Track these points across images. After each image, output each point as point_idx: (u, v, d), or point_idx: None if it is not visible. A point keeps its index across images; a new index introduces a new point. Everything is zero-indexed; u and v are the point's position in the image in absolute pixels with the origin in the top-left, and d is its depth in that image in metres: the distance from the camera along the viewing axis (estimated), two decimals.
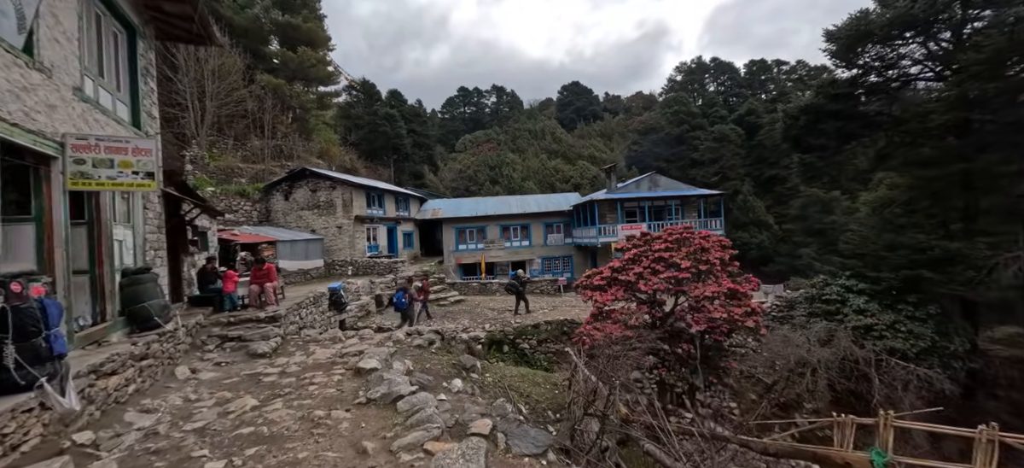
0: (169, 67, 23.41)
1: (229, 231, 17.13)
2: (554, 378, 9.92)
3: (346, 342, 9.12)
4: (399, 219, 26.92)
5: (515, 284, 16.68)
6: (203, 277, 9.70)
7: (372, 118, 53.48)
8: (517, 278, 16.81)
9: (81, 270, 5.97)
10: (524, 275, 17.24)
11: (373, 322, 15.15)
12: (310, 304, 11.57)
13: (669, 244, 11.02)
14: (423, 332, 10.51)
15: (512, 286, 16.79)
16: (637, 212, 24.84)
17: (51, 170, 5.01)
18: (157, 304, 6.77)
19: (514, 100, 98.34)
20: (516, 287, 16.63)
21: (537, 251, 28.06)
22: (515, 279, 16.84)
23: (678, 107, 73.25)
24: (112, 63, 7.04)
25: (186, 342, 7.62)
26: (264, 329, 8.57)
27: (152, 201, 7.89)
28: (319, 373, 6.21)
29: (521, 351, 14.77)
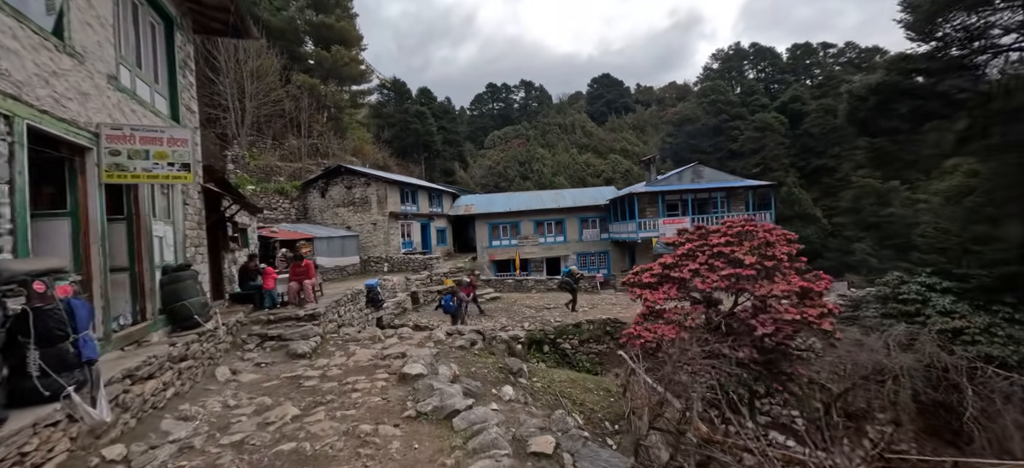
0: (211, 69, 24.03)
1: (268, 228, 17.27)
2: (605, 383, 9.20)
3: (386, 341, 8.73)
4: (432, 215, 26.72)
5: (569, 281, 16.15)
6: (245, 274, 9.56)
7: (403, 116, 53.89)
8: (571, 275, 16.26)
9: (120, 267, 5.76)
10: (578, 272, 16.70)
11: (410, 319, 14.85)
12: (348, 301, 11.31)
13: (729, 238, 10.05)
14: (464, 332, 10.02)
15: (566, 283, 16.23)
16: (679, 205, 23.60)
17: (86, 162, 4.75)
18: (197, 302, 6.52)
19: (543, 95, 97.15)
20: (570, 284, 16.07)
21: (572, 247, 27.22)
22: (569, 276, 16.27)
23: (715, 96, 70.26)
24: (150, 54, 6.83)
25: (226, 341, 7.40)
26: (304, 328, 8.28)
27: (192, 197, 7.70)
28: (362, 377, 5.77)
29: (562, 352, 14.10)
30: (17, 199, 3.60)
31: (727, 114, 66.97)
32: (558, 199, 28.87)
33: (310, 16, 32.79)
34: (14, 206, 3.57)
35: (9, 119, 3.59)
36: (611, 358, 14.32)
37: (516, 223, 27.48)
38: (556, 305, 17.79)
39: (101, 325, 4.72)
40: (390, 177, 23.64)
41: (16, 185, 3.60)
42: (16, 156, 3.62)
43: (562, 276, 17.11)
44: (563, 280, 16.71)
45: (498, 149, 70.64)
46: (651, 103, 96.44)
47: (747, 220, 10.63)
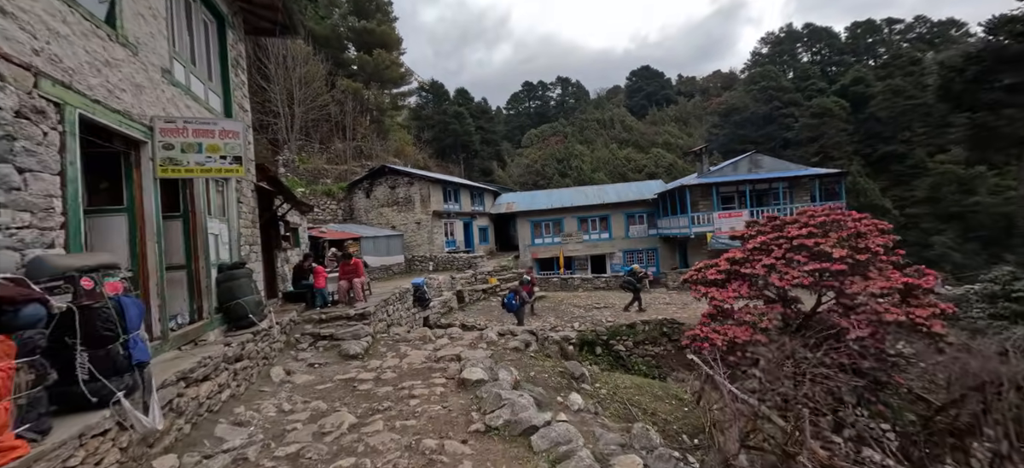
0: (262, 77, 24.99)
1: (317, 229, 17.56)
2: (674, 390, 8.39)
3: (437, 342, 8.37)
4: (474, 214, 26.51)
5: (631, 280, 15.34)
6: (299, 273, 9.53)
7: (442, 117, 54.47)
8: (633, 273, 15.51)
9: (177, 265, 5.66)
10: (640, 270, 15.85)
11: (456, 318, 14.57)
12: (396, 300, 11.10)
13: (812, 229, 8.93)
14: (517, 333, 9.51)
15: (628, 282, 15.44)
16: (735, 197, 22.03)
17: (141, 156, 4.60)
18: (252, 301, 6.39)
19: (579, 91, 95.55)
20: (632, 283, 15.28)
21: (618, 244, 26.16)
22: (631, 274, 15.52)
23: (766, 82, 66.37)
24: (203, 52, 6.78)
25: (280, 341, 7.28)
26: (354, 327, 8.06)
27: (246, 195, 7.64)
28: (417, 382, 5.37)
29: (616, 354, 13.31)
30: (69, 191, 3.41)
31: (779, 101, 63.19)
32: (602, 195, 27.86)
33: (353, 22, 33.60)
34: (66, 198, 3.38)
35: (60, 107, 3.40)
36: (669, 361, 13.40)
37: (559, 220, 26.74)
38: (606, 304, 16.98)
39: (158, 324, 4.56)
40: (433, 176, 23.62)
41: (68, 176, 3.41)
42: (67, 146, 3.43)
43: (623, 275, 16.24)
44: (624, 279, 15.84)
45: (535, 147, 70.05)
46: (694, 94, 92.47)
47: (833, 209, 9.44)
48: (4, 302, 2.28)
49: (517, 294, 12.98)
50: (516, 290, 13.18)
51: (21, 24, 3.08)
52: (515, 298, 12.92)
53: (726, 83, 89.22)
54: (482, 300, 17.65)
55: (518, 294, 12.98)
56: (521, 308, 12.96)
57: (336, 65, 31.80)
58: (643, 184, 30.14)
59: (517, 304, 12.86)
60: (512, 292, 13.21)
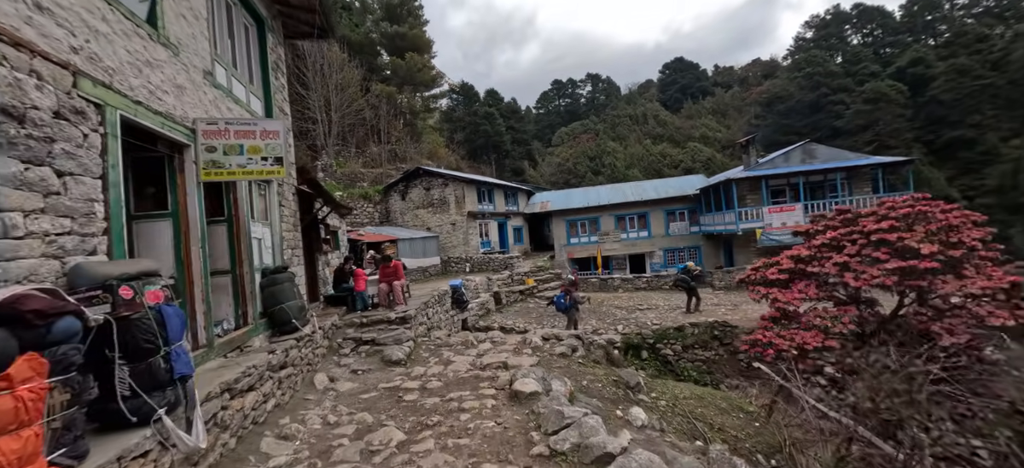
0: (301, 85, 25.66)
1: (355, 231, 17.72)
2: (735, 400, 7.69)
3: (479, 347, 8.04)
4: (508, 214, 26.20)
5: (685, 279, 14.52)
6: (340, 276, 9.46)
7: (472, 118, 54.62)
8: (687, 272, 14.67)
9: (222, 270, 5.57)
10: (694, 268, 15.03)
11: (494, 321, 14.26)
12: (435, 303, 10.89)
13: (893, 222, 7.99)
14: (563, 337, 9.06)
15: (682, 281, 14.65)
16: (787, 191, 20.61)
17: (184, 159, 4.49)
18: (295, 305, 6.26)
19: (610, 87, 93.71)
20: (686, 282, 14.46)
21: (657, 242, 25.14)
22: (685, 273, 14.72)
23: (812, 68, 62.74)
24: (243, 55, 6.72)
25: (323, 346, 7.15)
26: (396, 331, 7.85)
27: (287, 198, 7.58)
28: (466, 392, 5.02)
29: (663, 358, 12.60)
30: (111, 195, 3.26)
31: (827, 87, 59.64)
32: (640, 191, 26.89)
33: (385, 27, 34.12)
34: (108, 202, 3.23)
35: (100, 108, 3.26)
36: (721, 367, 12.54)
37: (595, 219, 26.00)
38: (649, 305, 16.22)
39: (203, 331, 4.42)
40: (467, 176, 23.50)
41: (110, 180, 3.26)
42: (109, 148, 3.28)
43: (677, 273, 15.38)
44: (678, 278, 15.00)
45: (566, 146, 69.16)
46: (732, 84, 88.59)
47: (917, 199, 8.43)
48: (35, 315, 2.06)
49: (567, 293, 12.45)
50: (567, 289, 12.65)
51: (58, 20, 2.93)
52: (565, 297, 12.40)
53: (767, 71, 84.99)
54: (519, 301, 17.27)
55: (568, 293, 12.44)
56: (572, 308, 12.41)
57: (370, 71, 32.35)
58: (684, 179, 28.89)
59: (568, 303, 12.33)
60: (562, 291, 12.71)
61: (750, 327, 13.02)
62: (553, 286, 18.81)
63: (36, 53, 2.73)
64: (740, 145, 22.59)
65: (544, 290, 18.32)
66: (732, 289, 19.05)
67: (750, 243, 20.42)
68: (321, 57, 26.38)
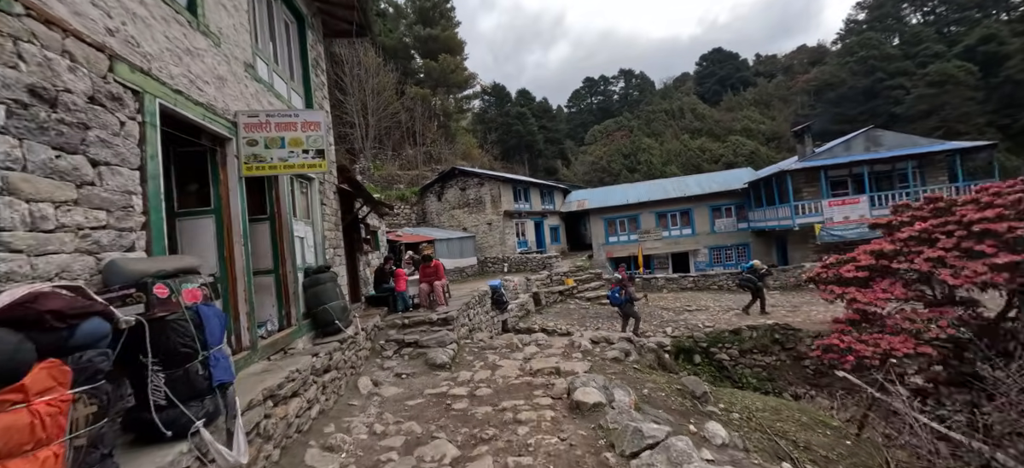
0: (339, 90, 26.22)
1: (393, 232, 17.76)
2: (814, 412, 6.87)
3: (524, 350, 7.62)
4: (545, 213, 25.68)
5: (751, 278, 13.33)
6: (381, 276, 9.31)
7: (504, 119, 54.46)
8: (754, 271, 13.40)
9: (265, 270, 5.41)
10: (761, 266, 13.74)
11: (535, 322, 13.81)
12: (476, 304, 10.56)
13: (1001, 211, 6.92)
14: (613, 340, 8.50)
15: (748, 280, 13.45)
16: (849, 182, 18.98)
17: (226, 153, 4.31)
18: (338, 306, 6.05)
19: (644, 82, 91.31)
20: (753, 282, 13.28)
21: (702, 240, 23.89)
22: (751, 272, 13.48)
23: (866, 52, 58.71)
24: (284, 51, 6.62)
25: (366, 347, 6.93)
26: (438, 333, 7.54)
27: (329, 196, 7.44)
28: (520, 401, 4.60)
29: (719, 363, 11.74)
30: (150, 188, 3.05)
31: (883, 72, 55.67)
32: (683, 187, 25.68)
33: (418, 31, 34.47)
34: (146, 196, 3.02)
35: (139, 95, 3.06)
36: (784, 373, 11.54)
37: (635, 216, 25.04)
38: (698, 306, 15.29)
39: (247, 332, 4.22)
40: (502, 175, 23.20)
41: (148, 171, 3.05)
42: (148, 138, 3.08)
43: (743, 272, 14.12)
44: (743, 277, 13.70)
45: (600, 144, 67.91)
46: (775, 73, 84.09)
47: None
48: (53, 317, 1.79)
49: (623, 288, 11.75)
50: (622, 283, 11.96)
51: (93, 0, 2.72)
52: (620, 292, 11.72)
53: (814, 58, 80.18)
54: (559, 302, 16.73)
55: (624, 288, 11.74)
56: (628, 303, 11.72)
57: (404, 75, 32.74)
58: (729, 173, 27.38)
59: (623, 298, 11.65)
60: (617, 286, 12.03)
61: (815, 330, 11.93)
62: (594, 287, 18.16)
63: (69, 32, 2.52)
64: (794, 134, 21.06)
65: (584, 290, 17.69)
66: (789, 289, 17.72)
67: (807, 239, 18.97)
68: (358, 63, 26.88)
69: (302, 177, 6.43)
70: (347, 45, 27.26)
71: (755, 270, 13.37)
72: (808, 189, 19.17)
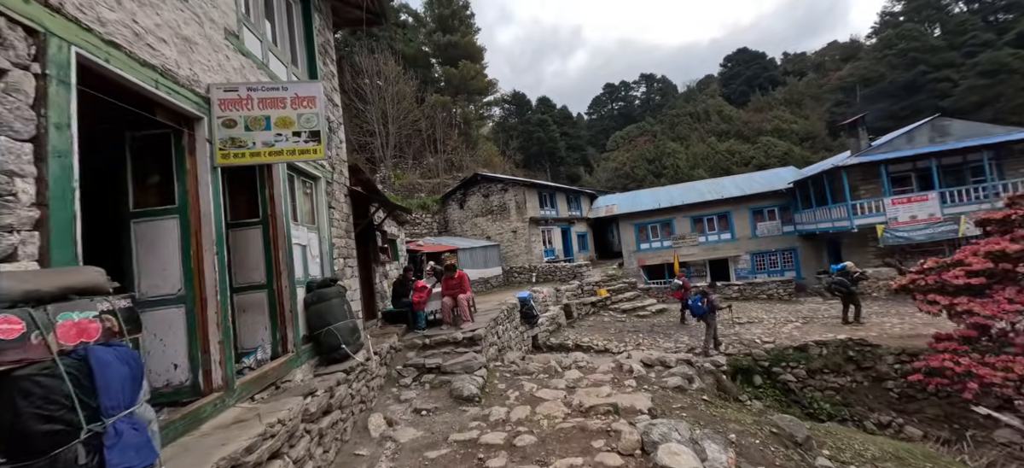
0: (359, 99, 25.84)
1: (413, 242, 16.90)
2: (938, 456, 5.43)
3: (565, 375, 6.45)
4: (572, 219, 24.42)
5: (843, 282, 11.53)
6: (400, 289, 8.32)
7: (525, 126, 53.72)
8: (846, 274, 11.57)
9: (256, 284, 4.47)
10: (854, 269, 11.83)
11: (568, 337, 12.58)
12: (505, 319, 9.44)
13: None
14: (669, 362, 7.24)
15: (839, 284, 11.64)
16: (912, 177, 17.07)
17: (195, 137, 3.36)
18: (346, 327, 5.05)
19: (666, 86, 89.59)
20: (845, 286, 11.50)
21: (743, 245, 22.14)
22: (842, 274, 11.67)
23: (906, 44, 55.83)
24: (285, 31, 5.76)
25: (380, 374, 5.89)
26: (464, 356, 6.45)
27: (338, 199, 6.50)
28: (577, 458, 3.43)
29: (783, 385, 10.24)
30: (51, 170, 2.08)
31: (926, 64, 52.73)
32: (718, 189, 24.02)
33: (438, 38, 34.08)
34: (44, 180, 2.05)
35: (37, 37, 2.11)
36: (862, 397, 9.95)
37: (668, 221, 23.50)
38: (749, 318, 13.74)
39: (219, 368, 3.23)
40: (527, 180, 22.10)
41: (49, 145, 2.09)
42: (51, 100, 2.12)
43: (832, 275, 12.13)
44: (834, 281, 11.85)
45: (622, 150, 66.52)
46: (805, 72, 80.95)
47: None
48: None
49: (704, 296, 10.40)
50: (703, 291, 10.60)
51: None
52: (701, 300, 10.38)
53: (846, 54, 76.81)
54: (592, 315, 15.44)
55: (705, 296, 10.39)
56: (709, 314, 10.39)
57: (423, 82, 32.32)
58: (771, 173, 25.56)
59: (704, 308, 10.33)
60: (699, 293, 10.67)
61: (896, 346, 10.30)
62: (628, 297, 16.79)
63: None
64: (844, 128, 19.26)
65: (618, 301, 16.35)
66: None
67: (867, 242, 17.12)
68: (377, 72, 26.50)
69: (306, 175, 5.52)
70: (367, 54, 26.97)
71: (848, 273, 11.49)
72: (865, 187, 17.35)
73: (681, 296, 13.95)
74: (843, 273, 11.65)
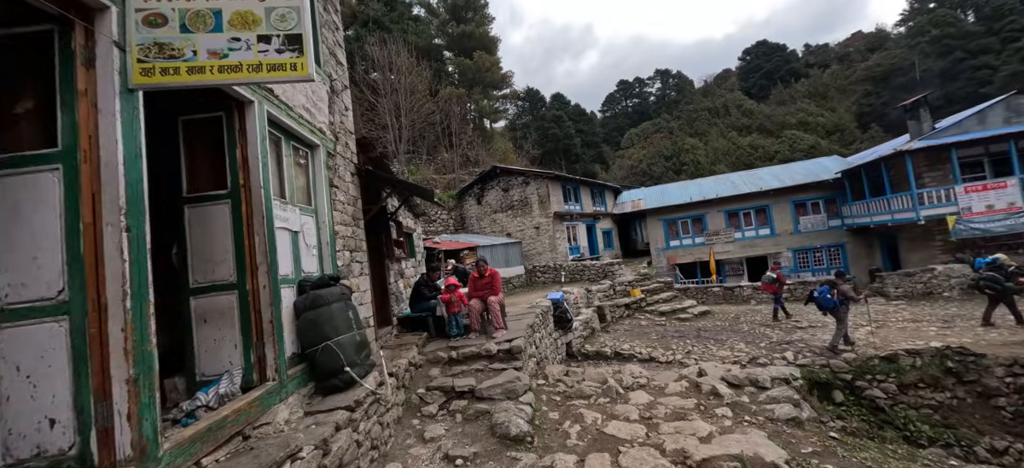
0: (371, 92, 24.70)
1: (430, 239, 15.60)
2: None
3: (630, 397, 5.04)
4: (596, 215, 22.85)
5: (996, 279, 9.42)
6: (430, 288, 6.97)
7: (540, 123, 52.38)
8: (999, 267, 9.45)
9: (222, 284, 3.13)
10: (1008, 260, 9.69)
11: (604, 343, 11.09)
12: (540, 325, 8.03)
13: None
14: (762, 380, 5.75)
15: (992, 280, 9.50)
16: (984, 163, 15.18)
17: (95, 39, 2.01)
18: (351, 341, 3.71)
19: (681, 82, 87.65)
20: (998, 282, 9.41)
21: (784, 241, 20.35)
22: (995, 268, 9.55)
23: (940, 31, 53.28)
24: None
25: (397, 402, 4.52)
26: (503, 376, 5.03)
27: (343, 178, 5.17)
28: None
29: (870, 402, 8.61)
30: None
31: (963, 51, 50.18)
32: (755, 180, 22.24)
33: (451, 28, 32.81)
34: None
35: None
36: (968, 417, 8.29)
37: (700, 216, 21.80)
38: (809, 322, 12.05)
39: (127, 427, 1.89)
40: (550, 172, 20.53)
41: None
42: None
43: (981, 269, 9.86)
44: (985, 276, 9.62)
45: (637, 147, 64.91)
46: (828, 63, 78.06)
47: None
48: None
49: (833, 286, 8.81)
50: (832, 281, 8.99)
51: None
52: (830, 292, 8.81)
53: (872, 44, 73.84)
54: (627, 318, 13.92)
55: (834, 286, 8.80)
56: (841, 307, 8.83)
57: (436, 76, 31.11)
58: (814, 162, 23.68)
59: (834, 301, 8.78)
60: (826, 285, 9.02)
61: (1008, 355, 8.62)
62: (664, 297, 15.22)
63: None
64: (904, 108, 17.35)
65: (654, 303, 14.79)
66: (917, 298, 14.19)
67: (932, 236, 15.31)
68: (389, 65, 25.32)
69: (299, 140, 4.19)
70: (378, 46, 25.81)
71: (1000, 266, 9.37)
72: (930, 174, 15.51)
73: (775, 290, 12.49)
74: (995, 267, 9.52)
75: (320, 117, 4.65)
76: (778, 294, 12.31)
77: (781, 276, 12.71)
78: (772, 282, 12.59)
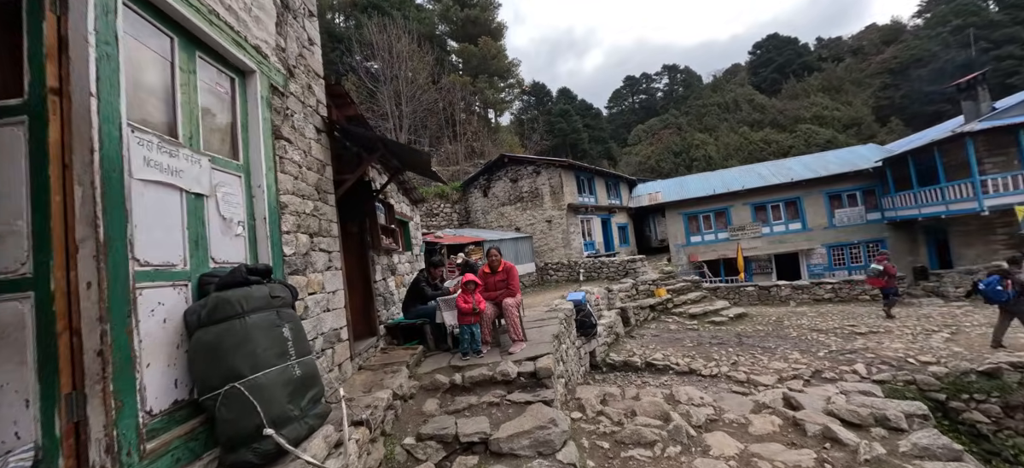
0: (371, 80, 23.20)
1: (432, 234, 14.09)
2: None
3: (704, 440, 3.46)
4: (612, 208, 21.22)
5: None
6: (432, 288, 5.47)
7: (546, 117, 50.97)
8: None
9: (4, 279, 1.59)
10: None
11: (633, 351, 9.51)
12: (565, 333, 6.47)
13: None
14: (892, 417, 4.15)
15: None
16: None
17: None
18: (281, 378, 2.17)
19: (689, 77, 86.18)
20: None
21: (818, 236, 18.67)
22: None
23: (961, 20, 51.63)
24: None
25: (371, 466, 2.98)
26: (531, 418, 3.49)
27: (302, 133, 3.63)
28: None
29: (970, 427, 7.02)
30: None
31: (987, 41, 48.56)
32: (784, 171, 20.53)
33: (455, 13, 31.28)
34: None
35: None
36: None
37: (723, 209, 20.15)
38: (868, 327, 10.40)
39: None
40: (563, 161, 18.89)
41: None
42: None
43: None
44: None
45: (645, 143, 63.56)
46: (842, 57, 76.02)
47: None
48: None
49: (1007, 277, 7.25)
50: (1006, 271, 7.41)
51: None
52: (1001, 282, 7.26)
53: (887, 36, 71.84)
54: (652, 320, 12.35)
55: (1009, 276, 7.23)
56: (1021, 298, 7.26)
57: (439, 64, 29.59)
58: (851, 151, 21.97)
59: (1010, 292, 7.23)
60: (997, 275, 7.44)
61: None
62: (692, 298, 13.62)
63: None
64: (959, 87, 15.62)
65: (682, 304, 13.21)
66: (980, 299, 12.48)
67: (993, 229, 13.64)
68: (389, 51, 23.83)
69: (214, 55, 2.67)
70: (378, 31, 24.32)
71: None
72: (991, 160, 13.83)
73: (884, 284, 10.96)
74: None
75: (257, 31, 3.12)
76: (887, 288, 10.67)
77: (889, 267, 10.99)
78: (878, 275, 10.94)
